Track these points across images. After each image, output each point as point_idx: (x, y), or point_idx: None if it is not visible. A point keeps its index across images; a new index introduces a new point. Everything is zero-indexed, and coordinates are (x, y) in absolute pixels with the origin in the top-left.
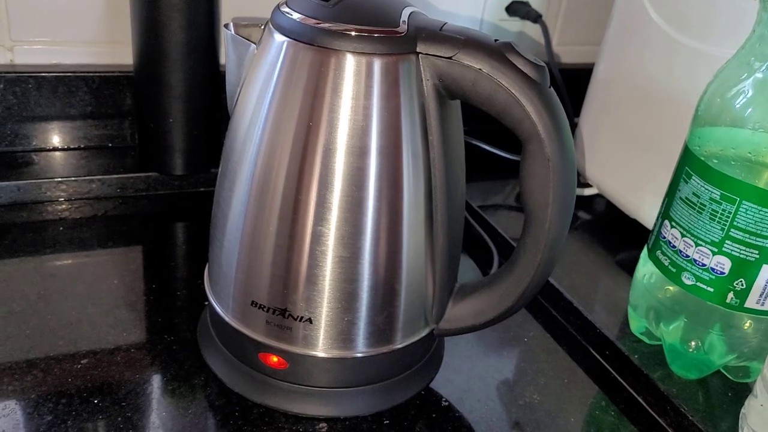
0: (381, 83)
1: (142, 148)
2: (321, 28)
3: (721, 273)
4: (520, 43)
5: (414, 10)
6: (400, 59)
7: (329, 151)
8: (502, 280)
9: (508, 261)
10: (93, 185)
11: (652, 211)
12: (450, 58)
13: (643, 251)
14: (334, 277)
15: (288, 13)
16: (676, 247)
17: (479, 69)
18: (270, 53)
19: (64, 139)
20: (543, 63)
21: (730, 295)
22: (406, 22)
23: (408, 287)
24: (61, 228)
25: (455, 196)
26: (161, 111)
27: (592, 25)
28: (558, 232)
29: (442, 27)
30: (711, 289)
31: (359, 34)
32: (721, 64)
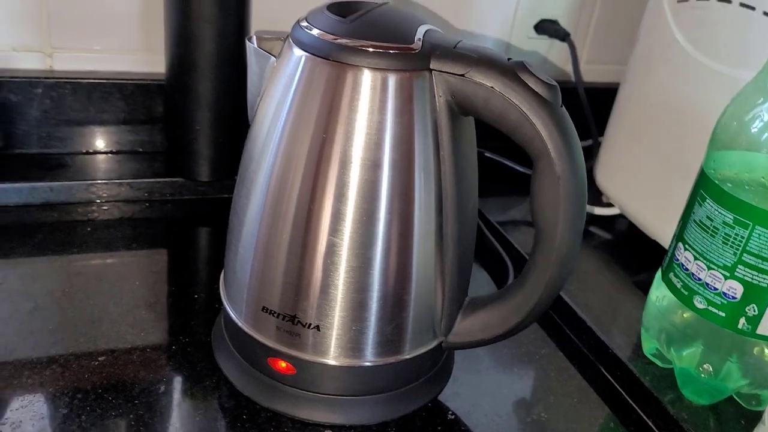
0: (395, 98)
1: (170, 154)
2: (337, 43)
3: (733, 298)
4: (547, 62)
5: (430, 28)
6: (414, 75)
7: (343, 163)
8: (511, 296)
9: (518, 277)
10: (121, 189)
11: (673, 233)
12: (463, 75)
13: (658, 273)
14: (343, 286)
15: (307, 28)
16: (688, 270)
17: (491, 87)
18: (289, 66)
19: (97, 143)
20: (555, 82)
21: (742, 321)
22: (421, 40)
23: (417, 299)
24: (88, 229)
25: (466, 210)
26: (189, 119)
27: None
28: (568, 250)
29: (456, 45)
30: (722, 313)
31: (374, 50)
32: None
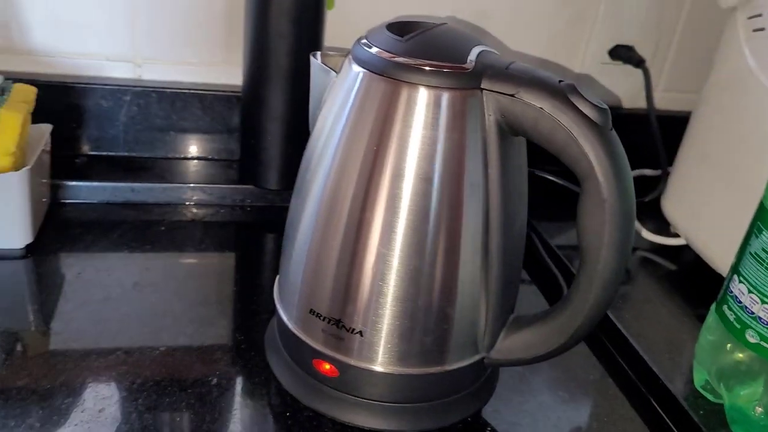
0: (447, 115)
1: (242, 162)
2: (393, 61)
3: None
4: (620, 87)
5: (485, 48)
6: (466, 94)
7: (395, 176)
8: (555, 317)
9: (562, 298)
10: (195, 192)
11: None
12: (512, 95)
13: (713, 306)
14: (388, 294)
15: (366, 45)
16: (742, 302)
17: (540, 108)
18: (347, 81)
19: (176, 149)
20: (605, 106)
21: None
22: (473, 60)
23: (460, 312)
24: (162, 228)
25: (513, 229)
26: (261, 129)
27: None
28: (611, 274)
29: (509, 66)
30: None
31: (428, 69)
32: None
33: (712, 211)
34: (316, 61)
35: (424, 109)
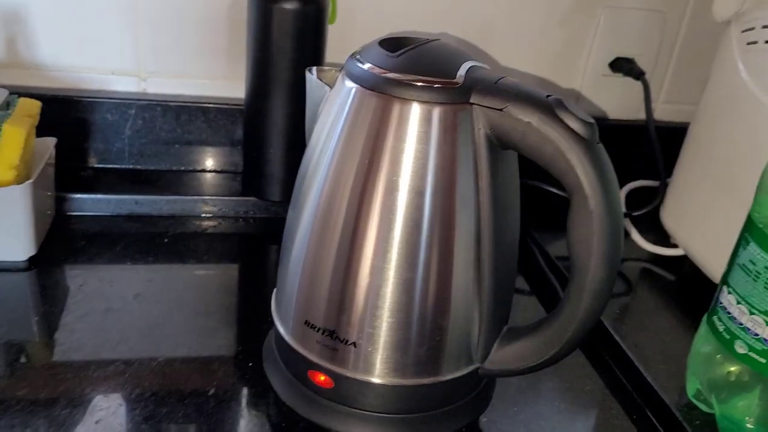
0: (437, 129)
1: (245, 175)
2: (384, 77)
3: None
4: (621, 99)
5: (475, 63)
6: (456, 108)
7: (388, 189)
8: (547, 327)
9: (554, 310)
10: (198, 205)
11: None
12: (501, 109)
13: (704, 317)
14: (382, 306)
15: (359, 61)
16: (731, 313)
17: (528, 122)
18: (340, 97)
19: (180, 162)
20: (592, 120)
21: None
22: (463, 75)
23: (453, 324)
24: (165, 240)
25: (505, 240)
26: (264, 142)
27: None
28: (601, 284)
29: (498, 81)
30: (763, 360)
31: (419, 84)
32: None
33: (710, 222)
34: (312, 76)
35: (415, 123)
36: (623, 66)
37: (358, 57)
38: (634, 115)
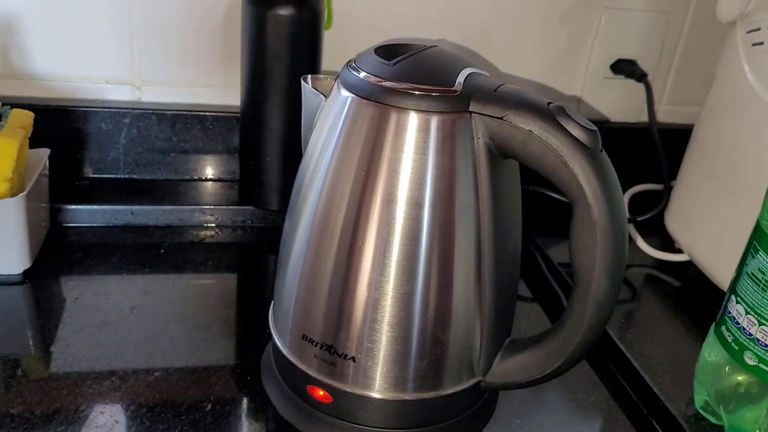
0: (435, 139)
1: (243, 184)
2: (380, 86)
3: None
4: (623, 102)
5: (474, 71)
6: (454, 117)
7: (386, 201)
8: (550, 339)
9: (557, 321)
10: (195, 214)
11: None
12: (501, 118)
13: (712, 326)
14: (380, 320)
15: (354, 70)
16: (740, 324)
17: (529, 130)
18: (336, 106)
19: (176, 171)
20: (594, 127)
21: None
22: (461, 83)
23: (454, 337)
24: (162, 251)
25: (506, 251)
26: (261, 150)
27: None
28: (605, 295)
29: (497, 88)
30: None
31: (416, 93)
32: None
33: (715, 227)
34: (307, 85)
35: (413, 133)
36: (625, 68)
37: (353, 65)
38: (636, 118)
